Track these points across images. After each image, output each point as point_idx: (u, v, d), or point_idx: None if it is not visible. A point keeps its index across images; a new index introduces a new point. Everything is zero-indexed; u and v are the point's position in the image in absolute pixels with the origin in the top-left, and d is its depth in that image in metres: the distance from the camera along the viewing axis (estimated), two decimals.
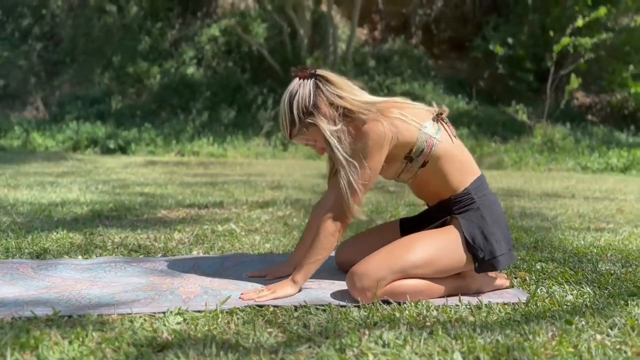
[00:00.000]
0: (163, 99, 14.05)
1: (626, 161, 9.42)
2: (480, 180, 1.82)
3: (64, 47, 16.41)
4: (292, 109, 1.73)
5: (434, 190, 1.84)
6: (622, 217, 3.62)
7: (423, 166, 1.77)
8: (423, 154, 1.74)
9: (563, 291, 1.85)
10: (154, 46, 15.95)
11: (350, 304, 1.66)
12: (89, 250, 2.31)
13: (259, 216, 3.24)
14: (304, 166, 8.37)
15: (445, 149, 1.76)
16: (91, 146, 10.45)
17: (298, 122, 1.73)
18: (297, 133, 1.76)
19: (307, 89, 1.73)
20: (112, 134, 10.86)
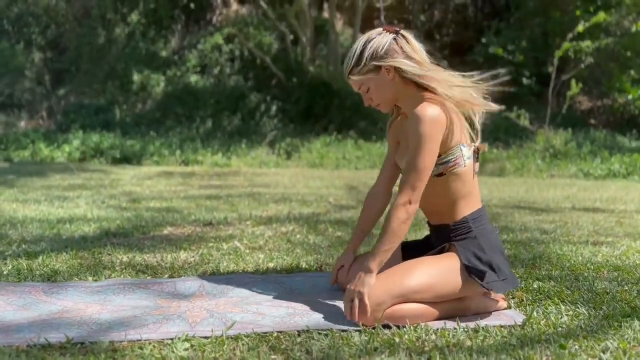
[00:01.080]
0: (167, 107, 14.16)
1: (628, 167, 9.46)
2: (481, 212, 1.89)
3: (69, 56, 16.56)
4: (364, 49, 1.81)
5: (437, 205, 1.90)
6: (621, 229, 3.67)
7: (439, 175, 1.83)
8: (446, 165, 1.81)
9: (559, 312, 1.90)
10: (158, 54, 16.08)
11: (352, 328, 1.72)
12: (97, 271, 2.37)
13: (262, 232, 3.31)
14: (307, 175, 8.44)
15: (465, 174, 1.84)
16: (97, 156, 10.55)
17: (362, 64, 1.80)
18: (357, 73, 1.83)
19: (385, 39, 1.81)
20: (117, 144, 10.96)
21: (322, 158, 10.67)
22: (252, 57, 15.24)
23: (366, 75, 1.83)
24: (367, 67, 1.81)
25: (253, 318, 1.80)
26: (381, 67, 1.81)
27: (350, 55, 1.85)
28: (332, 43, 14.67)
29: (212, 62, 15.56)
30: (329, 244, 3.04)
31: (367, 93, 1.88)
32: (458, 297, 1.82)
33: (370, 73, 1.82)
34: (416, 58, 1.81)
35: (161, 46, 16.40)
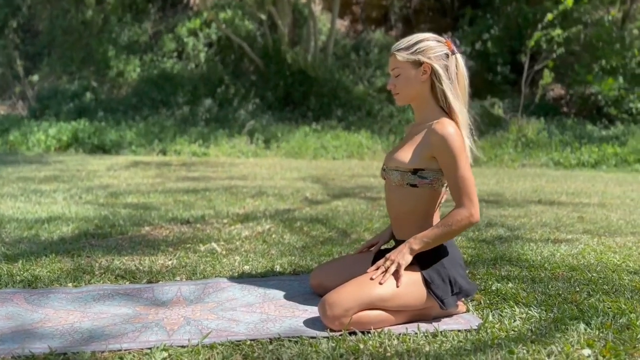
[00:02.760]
0: (144, 92, 14.05)
1: (597, 157, 9.75)
2: None
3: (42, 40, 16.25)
4: (421, 41, 1.95)
5: (402, 214, 2.04)
6: (582, 226, 3.86)
7: (413, 186, 1.97)
8: (422, 179, 1.95)
9: (513, 315, 2.05)
10: (134, 39, 15.87)
11: (321, 334, 1.84)
12: (77, 276, 2.45)
13: (239, 232, 3.41)
14: (285, 166, 8.53)
15: (435, 196, 2.00)
16: (73, 145, 10.47)
17: (412, 51, 1.94)
18: (401, 55, 1.95)
19: (441, 49, 1.95)
20: (93, 132, 10.88)
21: (301, 148, 10.76)
22: (229, 42, 15.15)
23: (407, 62, 1.96)
24: (412, 56, 1.94)
25: (228, 325, 1.92)
26: (422, 64, 1.94)
27: (407, 39, 1.99)
28: (311, 29, 14.66)
29: (189, 47, 15.43)
30: (304, 244, 3.16)
31: (396, 78, 2.00)
32: (421, 308, 1.96)
33: (410, 63, 1.95)
34: (455, 80, 1.96)
35: (137, 30, 16.19)
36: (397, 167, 1.99)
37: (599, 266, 2.74)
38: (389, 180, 2.06)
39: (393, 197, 2.05)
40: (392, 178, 2.02)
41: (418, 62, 1.95)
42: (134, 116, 12.76)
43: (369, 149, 10.88)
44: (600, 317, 2.02)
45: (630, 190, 6.23)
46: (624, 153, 10.16)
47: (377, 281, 1.92)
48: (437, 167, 1.95)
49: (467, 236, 3.45)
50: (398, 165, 1.99)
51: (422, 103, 2.03)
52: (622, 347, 1.74)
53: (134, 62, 14.92)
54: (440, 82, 1.95)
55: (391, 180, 2.03)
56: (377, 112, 13.32)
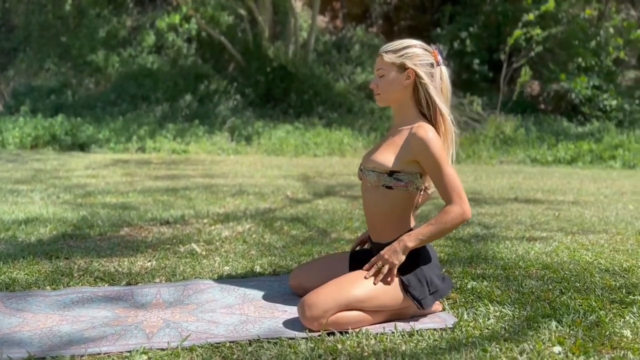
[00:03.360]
0: (122, 88, 13.89)
1: (573, 153, 9.94)
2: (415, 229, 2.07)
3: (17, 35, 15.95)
4: (409, 47, 2.00)
5: (376, 216, 2.07)
6: (556, 224, 3.94)
7: (388, 187, 2.00)
8: (398, 182, 1.99)
9: (487, 313, 2.11)
10: (112, 34, 15.67)
11: (300, 334, 1.87)
12: (56, 279, 2.44)
13: (219, 232, 3.42)
14: (266, 163, 8.53)
15: (409, 199, 2.03)
16: (50, 142, 10.32)
17: (399, 54, 1.99)
18: (390, 56, 1.99)
19: (427, 58, 2.01)
20: (70, 129, 10.73)
21: (282, 145, 10.76)
22: (209, 38, 15.04)
23: (392, 64, 2.00)
24: (398, 60, 1.98)
25: (207, 327, 1.93)
26: (407, 69, 1.98)
27: (397, 42, 2.03)
28: (291, 25, 14.64)
29: (168, 43, 15.29)
30: (284, 244, 3.18)
31: (380, 78, 2.04)
32: (398, 308, 2.00)
33: (396, 66, 2.00)
34: (437, 87, 2.01)
35: (116, 25, 15.98)
36: (374, 168, 2.02)
37: (571, 264, 2.81)
38: (365, 181, 2.09)
39: (369, 198, 2.08)
40: (368, 179, 2.05)
41: (403, 66, 1.99)
42: (112, 112, 12.62)
43: (350, 146, 10.93)
44: (571, 314, 2.08)
45: (605, 187, 6.38)
46: (599, 150, 10.37)
47: (355, 283, 1.95)
48: (414, 171, 1.99)
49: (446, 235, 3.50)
50: (375, 166, 2.02)
51: (403, 107, 2.06)
52: (591, 344, 1.80)
53: (112, 58, 14.74)
54: (427, 88, 1.99)
55: (367, 181, 2.07)
56: (358, 109, 13.38)
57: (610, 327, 1.96)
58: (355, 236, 3.39)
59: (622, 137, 11.11)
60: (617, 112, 12.53)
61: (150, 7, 17.07)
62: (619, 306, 2.18)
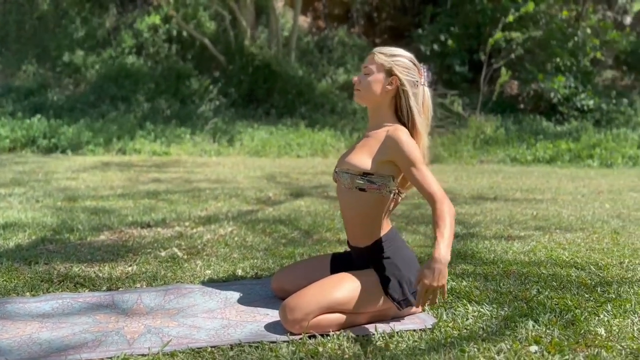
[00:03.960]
0: (102, 89, 13.76)
1: (552, 153, 10.10)
2: (391, 232, 2.09)
3: None
4: (401, 56, 2.05)
5: (352, 220, 2.09)
6: (535, 223, 4.01)
7: (361, 190, 2.02)
8: (371, 184, 2.00)
9: (466, 314, 2.14)
10: (92, 34, 15.51)
11: (281, 338, 1.88)
12: (35, 285, 2.42)
13: (201, 235, 3.41)
14: (249, 165, 8.52)
15: (383, 202, 2.04)
16: (29, 145, 10.17)
17: (389, 60, 2.03)
18: (382, 58, 2.03)
19: (414, 74, 2.05)
20: (49, 131, 10.59)
21: (264, 146, 10.74)
22: (191, 38, 14.96)
23: (381, 66, 2.03)
24: (388, 63, 2.02)
25: (189, 332, 1.94)
26: (392, 76, 2.02)
27: (392, 48, 2.08)
28: (273, 24, 14.62)
29: (149, 43, 15.18)
30: (266, 246, 3.19)
31: (365, 76, 2.07)
32: (378, 310, 2.02)
33: (383, 69, 2.03)
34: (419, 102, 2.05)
35: (95, 26, 15.81)
36: (348, 170, 2.04)
37: (548, 263, 2.87)
38: (339, 183, 2.11)
39: (343, 201, 2.11)
40: (342, 180, 2.08)
41: (390, 72, 2.02)
42: (92, 114, 12.48)
43: (332, 146, 10.96)
44: (547, 313, 2.12)
45: (582, 186, 6.49)
46: (577, 149, 10.54)
47: (336, 286, 1.97)
48: (387, 173, 2.01)
49: (425, 234, 3.55)
50: (349, 167, 2.04)
51: (380, 111, 2.09)
52: (567, 343, 1.85)
53: (92, 58, 14.58)
54: (408, 97, 2.03)
55: (341, 183, 2.09)
56: (341, 109, 13.42)
57: (585, 325, 2.00)
58: (337, 237, 3.41)
59: (600, 136, 11.31)
60: (595, 111, 12.75)
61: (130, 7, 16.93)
62: (594, 304, 2.23)
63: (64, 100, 13.44)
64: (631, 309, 2.18)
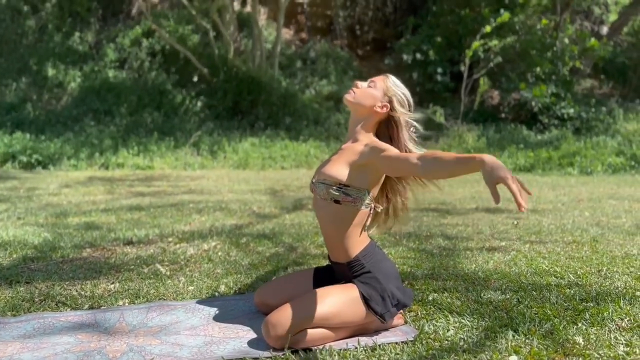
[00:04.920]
0: (85, 103, 13.66)
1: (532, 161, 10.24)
2: (370, 246, 2.12)
3: None
4: (406, 96, 2.16)
5: (330, 233, 2.11)
6: (515, 232, 4.07)
7: (336, 202, 2.04)
8: (346, 196, 2.03)
9: (447, 325, 2.17)
10: (73, 48, 15.43)
11: (264, 354, 1.89)
12: (16, 305, 2.40)
13: (184, 251, 3.41)
14: (233, 178, 8.51)
15: (359, 218, 2.07)
16: (9, 161, 10.05)
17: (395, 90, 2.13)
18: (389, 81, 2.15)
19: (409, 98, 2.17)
20: (31, 146, 10.47)
21: (248, 158, 10.74)
22: (174, 51, 14.95)
23: (386, 89, 2.13)
24: (391, 92, 2.13)
25: (171, 350, 1.94)
26: (390, 102, 2.12)
27: (403, 86, 2.18)
28: (256, 37, 14.68)
29: (131, 57, 15.13)
30: (250, 261, 3.20)
31: (367, 86, 2.16)
32: (361, 323, 2.04)
33: (385, 94, 2.12)
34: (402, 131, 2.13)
35: (77, 40, 15.74)
36: (324, 180, 2.07)
37: (529, 273, 2.91)
38: (315, 194, 2.14)
39: (319, 213, 2.14)
40: (318, 191, 2.10)
41: (388, 99, 2.12)
42: (74, 128, 12.38)
43: (316, 158, 10.99)
44: (527, 323, 2.16)
45: (562, 194, 6.59)
46: (557, 157, 10.70)
47: (318, 301, 1.98)
48: (363, 187, 2.04)
49: (408, 246, 3.58)
50: (325, 178, 2.07)
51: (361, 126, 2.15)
52: (545, 352, 1.88)
53: (73, 72, 14.49)
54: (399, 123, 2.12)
55: (317, 194, 2.11)
56: (325, 119, 13.49)
57: (564, 334, 2.04)
58: (322, 251, 3.43)
59: (580, 144, 11.49)
60: (575, 119, 12.96)
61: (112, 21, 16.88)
62: (572, 313, 2.28)
63: (45, 114, 13.31)
64: (609, 317, 2.22)
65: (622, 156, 10.68)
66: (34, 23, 15.52)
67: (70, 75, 14.44)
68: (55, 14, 15.71)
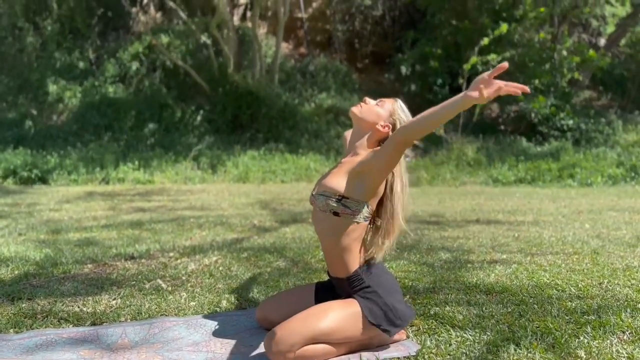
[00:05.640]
0: (85, 119, 13.73)
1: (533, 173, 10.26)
2: (369, 260, 2.12)
3: None
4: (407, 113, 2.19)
5: (329, 247, 2.11)
6: (516, 244, 4.07)
7: (335, 214, 2.05)
8: (345, 208, 2.03)
9: (449, 339, 2.17)
10: (74, 64, 15.54)
11: None
12: (18, 322, 2.40)
13: (185, 266, 3.41)
14: (233, 191, 8.52)
15: (357, 232, 2.07)
16: (10, 176, 10.07)
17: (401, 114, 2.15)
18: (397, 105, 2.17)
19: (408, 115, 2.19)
20: (32, 161, 10.50)
21: (248, 172, 10.76)
22: (174, 66, 15.05)
23: (392, 111, 2.15)
24: (395, 115, 2.15)
25: None
26: (394, 122, 2.14)
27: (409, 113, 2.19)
28: (256, 52, 14.79)
29: (132, 72, 15.23)
30: (251, 275, 3.20)
31: (376, 103, 2.20)
32: (362, 338, 2.04)
33: (391, 116, 2.15)
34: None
35: (77, 56, 15.86)
36: (324, 192, 2.08)
37: (530, 286, 2.91)
38: (315, 206, 2.14)
39: (318, 226, 2.14)
40: (317, 203, 2.11)
41: (392, 120, 2.14)
42: (75, 143, 12.44)
43: (316, 171, 11.01)
44: (529, 337, 2.16)
45: (563, 206, 6.60)
46: (557, 168, 10.72)
47: (320, 317, 1.98)
48: (362, 199, 2.04)
49: (409, 259, 3.58)
50: (325, 189, 2.08)
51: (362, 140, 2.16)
52: None
53: (74, 88, 14.58)
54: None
55: (317, 206, 2.12)
56: (324, 132, 13.54)
57: (566, 347, 2.04)
58: (323, 265, 3.43)
59: (579, 155, 11.52)
60: (574, 131, 13.00)
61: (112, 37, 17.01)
62: (574, 326, 2.28)
63: (46, 130, 13.38)
64: (610, 330, 2.22)
65: (622, 167, 10.70)
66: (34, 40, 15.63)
67: (70, 90, 14.53)
68: (55, 31, 15.83)
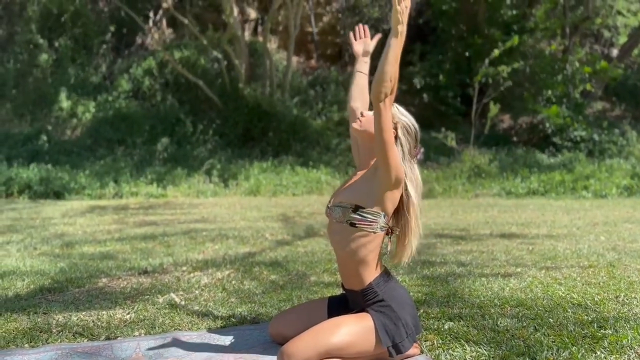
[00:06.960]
0: (99, 133, 13.89)
1: (546, 185, 10.17)
2: (384, 274, 2.12)
3: None
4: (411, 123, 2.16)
5: (345, 260, 2.11)
6: (530, 257, 4.03)
7: (352, 225, 2.04)
8: (362, 219, 2.03)
9: (464, 354, 2.15)
10: (88, 79, 15.76)
11: None
12: (34, 336, 2.43)
13: (198, 280, 3.42)
14: (245, 205, 8.55)
15: (373, 241, 2.06)
16: (25, 191, 10.19)
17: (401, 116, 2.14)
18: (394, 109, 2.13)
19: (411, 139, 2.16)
20: (46, 176, 10.62)
21: (260, 185, 10.80)
22: (186, 81, 15.21)
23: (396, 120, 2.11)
24: (395, 118, 2.12)
25: None
26: (395, 127, 2.11)
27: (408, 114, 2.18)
28: (267, 66, 14.90)
29: (145, 87, 15.41)
30: (264, 289, 3.20)
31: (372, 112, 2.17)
32: (376, 353, 2.03)
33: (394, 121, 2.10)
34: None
35: (91, 71, 16.08)
36: (340, 203, 2.09)
37: (545, 299, 2.88)
38: (331, 218, 2.14)
39: (334, 238, 2.13)
40: (333, 214, 2.11)
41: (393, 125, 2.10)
42: (88, 157, 12.58)
43: (328, 184, 11.02)
44: (544, 351, 2.14)
45: (577, 219, 6.53)
46: (571, 180, 10.62)
47: (333, 331, 1.97)
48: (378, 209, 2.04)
49: (422, 274, 3.56)
50: (342, 200, 2.09)
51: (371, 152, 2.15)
52: None
53: (88, 103, 14.78)
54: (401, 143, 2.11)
55: (333, 217, 2.12)
56: (336, 146, 13.56)
57: None
58: (335, 279, 3.43)
59: (593, 167, 11.41)
60: (587, 142, 12.90)
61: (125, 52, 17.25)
62: (591, 341, 2.25)
63: (60, 144, 13.54)
64: (627, 345, 2.19)
65: (637, 178, 10.57)
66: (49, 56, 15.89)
67: (84, 106, 14.72)
68: (69, 47, 16.08)
